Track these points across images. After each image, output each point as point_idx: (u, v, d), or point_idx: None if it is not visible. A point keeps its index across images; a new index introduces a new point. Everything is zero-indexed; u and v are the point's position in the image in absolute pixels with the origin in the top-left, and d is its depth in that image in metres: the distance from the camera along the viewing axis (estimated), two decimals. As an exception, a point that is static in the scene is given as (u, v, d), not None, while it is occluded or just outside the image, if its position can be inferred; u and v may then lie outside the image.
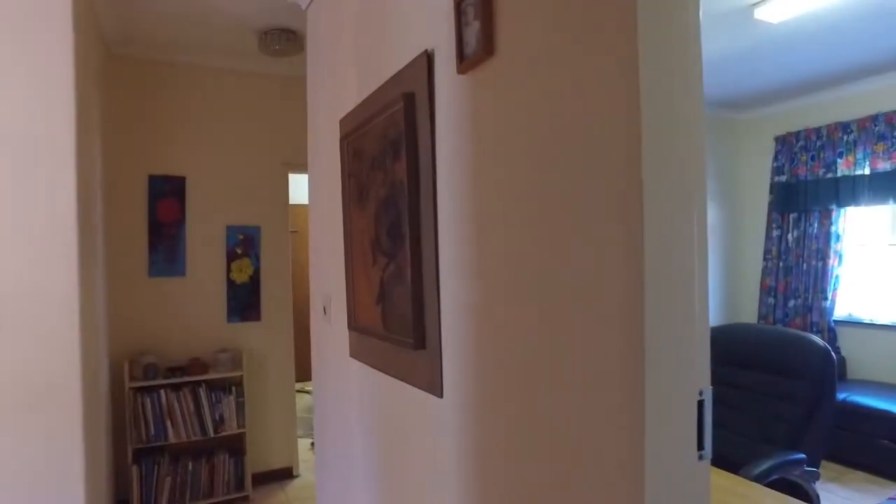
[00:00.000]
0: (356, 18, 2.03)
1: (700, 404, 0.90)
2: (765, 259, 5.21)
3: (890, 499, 3.39)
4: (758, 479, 1.99)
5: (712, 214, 5.42)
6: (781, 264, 5.06)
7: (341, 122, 2.12)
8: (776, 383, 2.36)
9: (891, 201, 4.31)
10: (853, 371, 4.63)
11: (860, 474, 3.80)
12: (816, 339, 2.27)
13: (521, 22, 1.09)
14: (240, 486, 3.52)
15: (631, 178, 0.83)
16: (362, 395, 2.02)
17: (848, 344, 4.68)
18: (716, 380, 2.68)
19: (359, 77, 1.99)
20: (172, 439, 3.27)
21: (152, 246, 3.50)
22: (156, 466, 3.25)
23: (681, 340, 0.85)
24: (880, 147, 4.38)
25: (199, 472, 3.37)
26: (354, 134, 1.93)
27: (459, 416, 1.33)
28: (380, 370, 1.80)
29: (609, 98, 0.87)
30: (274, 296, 3.87)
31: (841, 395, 4.02)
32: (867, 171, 4.46)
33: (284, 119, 3.89)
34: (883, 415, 3.72)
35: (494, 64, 1.19)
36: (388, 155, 1.63)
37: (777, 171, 5.13)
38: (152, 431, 3.22)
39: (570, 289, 0.96)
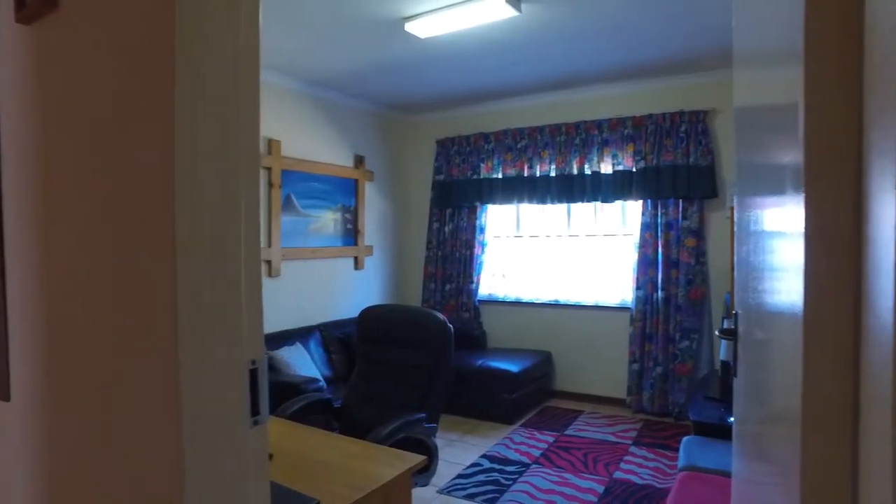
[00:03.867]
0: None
1: (253, 373, 0.94)
2: (427, 249, 5.91)
3: (506, 437, 4.20)
4: (384, 440, 2.23)
5: (386, 208, 5.92)
6: (440, 253, 5.80)
7: None
8: (408, 355, 2.69)
9: (515, 201, 5.33)
10: (492, 341, 5.58)
11: (489, 423, 4.61)
12: (438, 314, 2.66)
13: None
14: None
15: (165, 170, 0.82)
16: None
17: (488, 319, 5.62)
18: (361, 357, 2.92)
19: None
20: None
21: None
22: None
23: (222, 321, 0.88)
24: (508, 156, 5.37)
25: None
26: None
27: (27, 417, 1.17)
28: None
29: (148, 78, 0.85)
30: None
31: (479, 362, 4.81)
32: (500, 176, 5.42)
33: None
34: (504, 373, 4.59)
35: (58, 18, 1.05)
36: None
37: (437, 170, 5.86)
38: None
39: (116, 279, 0.91)
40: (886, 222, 0.46)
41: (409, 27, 3.54)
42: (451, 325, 2.64)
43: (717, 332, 3.35)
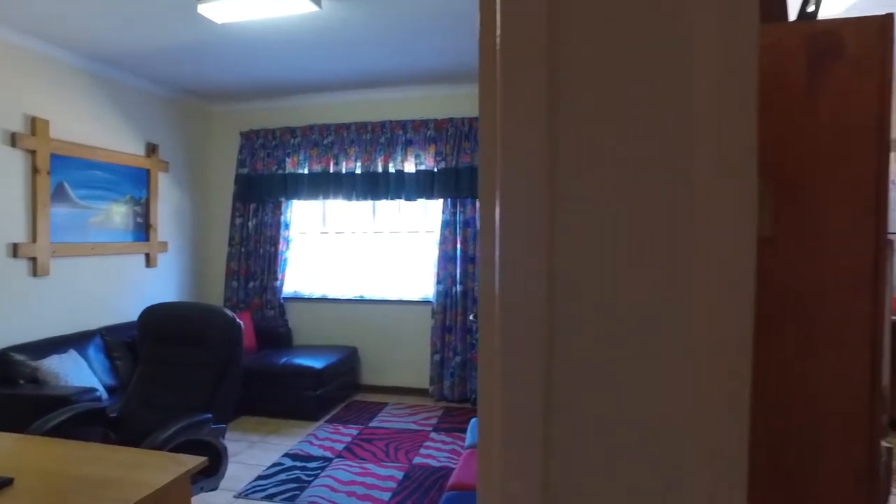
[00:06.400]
0: None
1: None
2: (230, 245, 5.63)
3: (310, 434, 4.19)
4: (162, 445, 2.10)
5: (184, 201, 5.50)
6: (243, 250, 5.56)
7: None
8: (194, 354, 2.56)
9: (321, 197, 5.32)
10: (298, 338, 5.50)
11: (294, 422, 4.55)
12: (226, 310, 2.58)
13: None
14: None
15: None
16: None
17: (294, 316, 5.53)
18: (144, 359, 2.72)
19: None
20: None
21: None
22: None
23: None
24: (315, 152, 5.34)
25: None
26: None
27: None
28: None
29: None
30: None
31: (283, 360, 4.72)
32: (307, 171, 5.37)
33: None
34: (309, 370, 4.56)
35: None
36: None
37: (241, 163, 5.60)
38: None
39: None
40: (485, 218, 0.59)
41: (203, 9, 3.35)
42: (240, 322, 2.57)
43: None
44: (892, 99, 0.93)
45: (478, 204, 0.73)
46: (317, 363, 4.63)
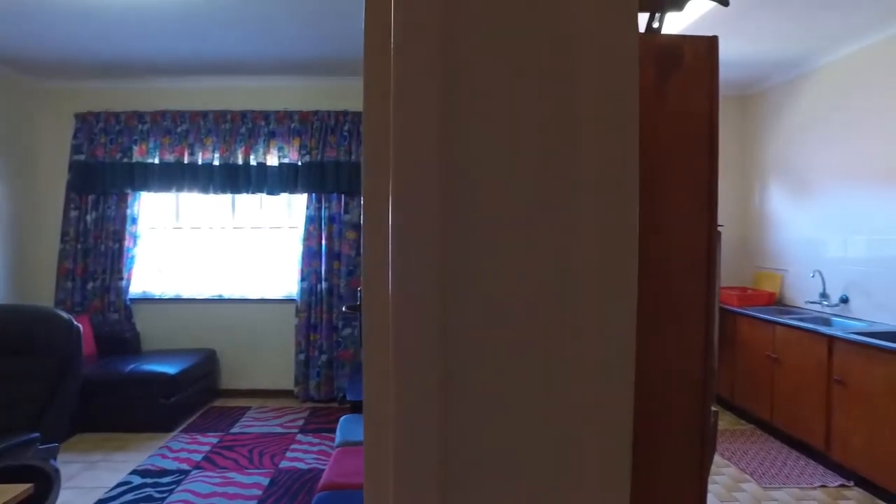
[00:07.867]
0: None
1: None
2: (63, 241, 4.99)
3: (163, 447, 3.86)
4: (-24, 472, 1.81)
5: (0, 189, 4.77)
6: (80, 246, 4.97)
7: None
8: (18, 364, 2.23)
9: (174, 189, 4.92)
10: (147, 343, 5.03)
11: (144, 435, 4.15)
12: (62, 313, 2.28)
13: None
14: None
15: None
16: None
17: (143, 319, 5.05)
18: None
19: None
20: None
21: None
22: None
23: None
24: (167, 140, 4.92)
25: None
26: None
27: None
28: None
29: None
30: None
31: (130, 367, 4.29)
32: (157, 161, 4.93)
33: None
34: (161, 377, 4.20)
35: None
36: None
37: (76, 149, 5.00)
38: None
39: None
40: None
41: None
42: (78, 325, 2.29)
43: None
44: (719, 109, 1.06)
45: (362, 202, 0.71)
46: (170, 369, 4.28)
